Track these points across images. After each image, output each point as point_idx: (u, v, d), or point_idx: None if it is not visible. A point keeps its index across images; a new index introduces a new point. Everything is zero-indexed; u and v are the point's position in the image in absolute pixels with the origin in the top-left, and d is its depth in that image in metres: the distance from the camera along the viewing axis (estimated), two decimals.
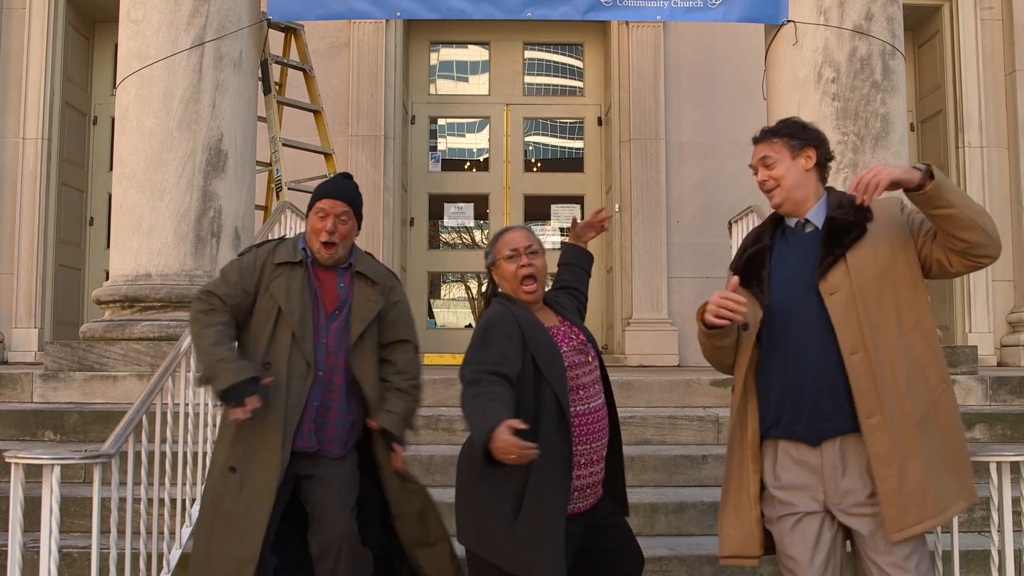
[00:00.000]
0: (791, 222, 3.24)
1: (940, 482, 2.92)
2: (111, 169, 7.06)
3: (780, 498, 3.06)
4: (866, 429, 2.97)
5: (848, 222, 3.12)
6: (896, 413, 2.94)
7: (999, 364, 9.32)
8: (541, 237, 10.41)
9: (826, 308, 3.01)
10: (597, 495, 3.38)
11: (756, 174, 3.29)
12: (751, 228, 6.15)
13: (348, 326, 3.62)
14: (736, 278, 3.13)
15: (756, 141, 3.31)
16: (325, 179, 3.76)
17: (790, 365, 3.05)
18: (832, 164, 3.36)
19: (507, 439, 2.82)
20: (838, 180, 6.17)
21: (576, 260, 4.08)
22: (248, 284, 3.58)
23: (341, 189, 3.73)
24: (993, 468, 3.40)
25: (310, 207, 3.67)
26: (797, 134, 3.23)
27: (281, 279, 3.57)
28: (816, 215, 3.19)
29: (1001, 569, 3.40)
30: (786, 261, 3.16)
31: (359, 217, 3.78)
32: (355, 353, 3.61)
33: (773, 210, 3.29)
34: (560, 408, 3.20)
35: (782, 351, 3.07)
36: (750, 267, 3.21)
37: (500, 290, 3.51)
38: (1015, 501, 3.46)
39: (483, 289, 3.71)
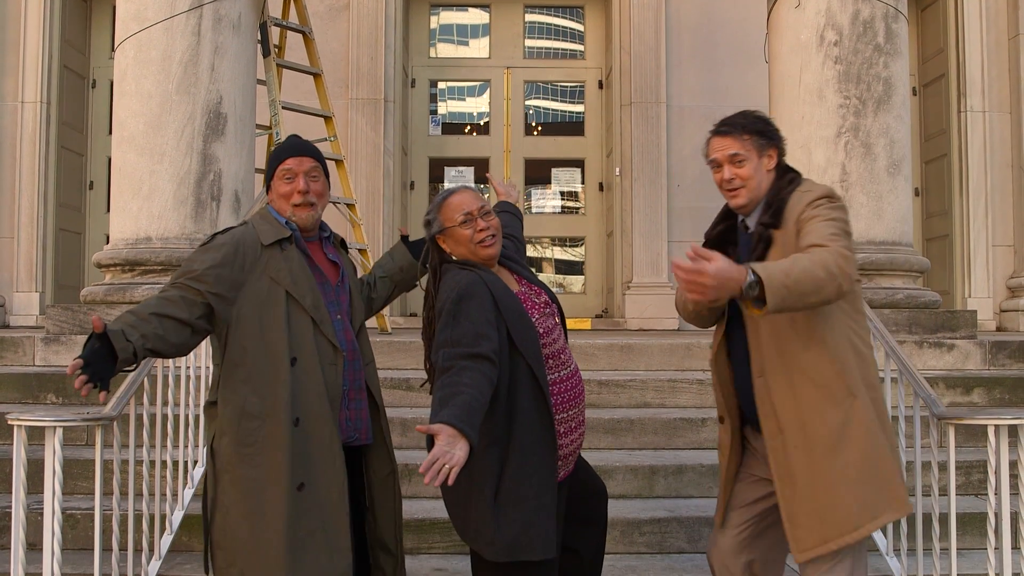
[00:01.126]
0: (739, 217, 3.18)
1: (851, 500, 2.88)
2: (110, 132, 7.03)
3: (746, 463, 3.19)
4: (769, 450, 3.01)
5: (758, 236, 3.03)
6: (799, 435, 2.94)
7: (998, 329, 9.34)
8: (541, 201, 10.44)
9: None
10: (576, 457, 3.39)
11: (716, 170, 3.10)
12: None
13: (351, 298, 3.30)
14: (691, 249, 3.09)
15: (722, 134, 3.09)
16: (278, 144, 3.33)
17: (739, 364, 3.12)
18: (833, 130, 3.31)
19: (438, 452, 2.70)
20: (839, 144, 6.16)
21: (505, 207, 3.98)
22: (239, 266, 3.07)
23: (303, 145, 3.32)
24: (991, 431, 3.42)
25: (270, 175, 3.25)
26: (765, 132, 3.09)
27: (277, 261, 3.10)
28: (753, 218, 3.11)
29: (997, 531, 3.42)
30: (739, 257, 3.09)
31: (327, 174, 3.35)
32: (356, 323, 3.30)
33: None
34: (536, 382, 3.11)
35: (736, 348, 3.12)
36: (722, 240, 3.18)
37: (454, 257, 3.29)
38: (1012, 464, 3.47)
39: (426, 259, 3.43)
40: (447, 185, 10.32)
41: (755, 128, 3.08)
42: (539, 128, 10.43)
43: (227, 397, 3.04)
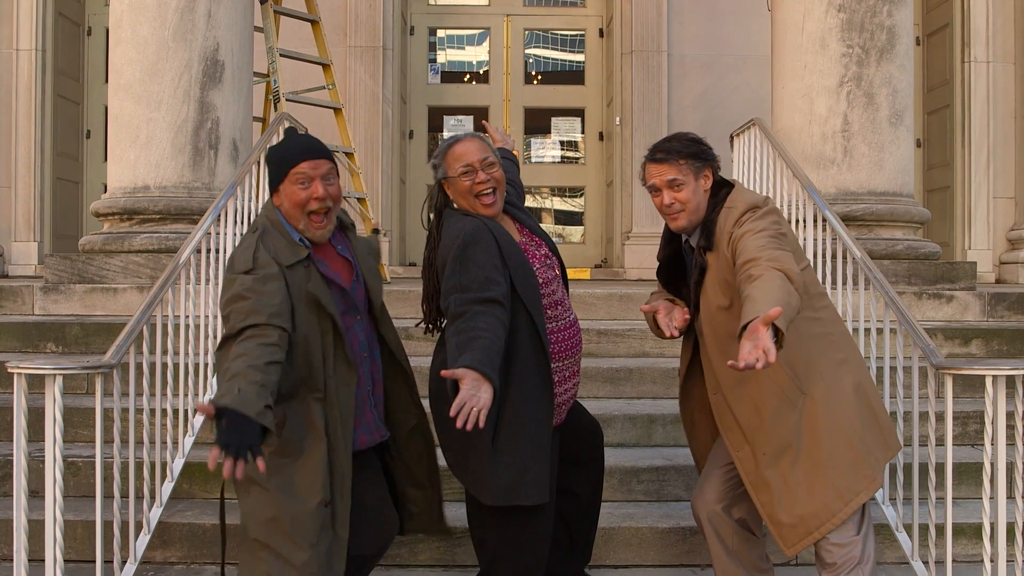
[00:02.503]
0: (683, 238, 3.28)
1: (825, 492, 3.01)
2: (107, 81, 6.97)
3: None
4: (736, 460, 3.14)
5: (695, 263, 3.15)
6: (764, 443, 3.06)
7: (997, 281, 9.33)
8: (541, 151, 10.39)
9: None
10: (569, 406, 3.42)
11: (656, 195, 3.17)
12: (753, 142, 6.13)
13: (366, 286, 3.17)
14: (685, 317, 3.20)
15: (658, 160, 3.15)
16: (280, 142, 3.08)
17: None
18: (835, 79, 3.34)
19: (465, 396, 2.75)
20: (841, 93, 6.12)
21: (503, 154, 3.95)
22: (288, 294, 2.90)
23: (317, 146, 3.07)
24: (989, 382, 3.42)
25: (280, 177, 3.03)
26: (699, 155, 3.15)
27: (298, 282, 2.95)
28: (695, 238, 3.20)
29: (993, 481, 3.44)
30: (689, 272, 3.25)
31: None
32: (376, 302, 3.19)
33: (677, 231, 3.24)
34: (536, 331, 3.14)
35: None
36: (671, 261, 3.33)
37: (456, 205, 3.29)
38: (1009, 415, 3.49)
39: (431, 201, 3.33)
40: (446, 134, 10.26)
41: (690, 152, 3.13)
42: (539, 77, 10.35)
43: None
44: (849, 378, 3.10)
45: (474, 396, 2.76)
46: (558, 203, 10.53)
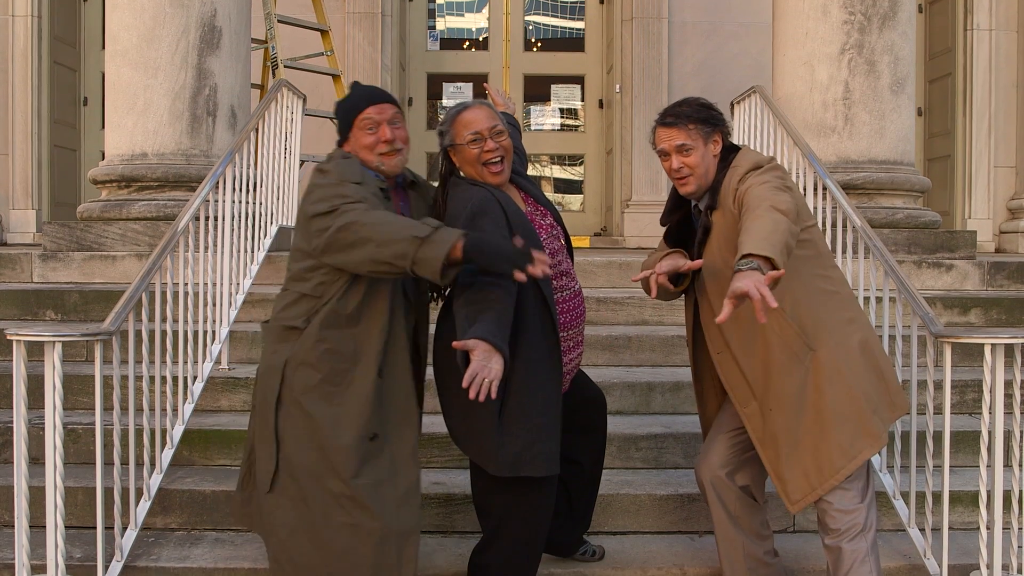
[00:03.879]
0: (692, 203, 3.29)
1: (830, 448, 3.05)
2: (104, 48, 6.93)
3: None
4: (743, 416, 3.16)
5: (701, 225, 3.17)
6: (770, 399, 3.09)
7: (997, 250, 9.33)
8: (540, 118, 10.34)
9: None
10: (574, 375, 3.43)
11: (665, 159, 3.19)
12: (754, 110, 6.10)
13: None
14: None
15: (667, 124, 3.17)
16: (345, 96, 3.20)
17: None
18: (837, 46, 3.36)
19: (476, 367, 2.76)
20: (843, 61, 6.08)
21: (505, 118, 3.96)
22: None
23: (380, 92, 3.23)
24: (987, 350, 3.43)
25: (347, 126, 3.17)
26: (710, 119, 3.17)
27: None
28: (703, 203, 3.21)
29: (990, 449, 3.46)
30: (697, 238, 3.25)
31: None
32: None
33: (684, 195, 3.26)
34: (544, 301, 3.14)
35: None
36: (680, 227, 3.31)
37: (462, 174, 3.28)
38: (1007, 384, 3.49)
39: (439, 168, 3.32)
40: (445, 102, 10.22)
41: (699, 116, 3.15)
42: (539, 44, 10.29)
43: (324, 335, 3.03)
44: (857, 336, 3.12)
45: (486, 367, 2.76)
46: (557, 171, 10.50)
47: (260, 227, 5.47)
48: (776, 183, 2.97)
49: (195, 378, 4.36)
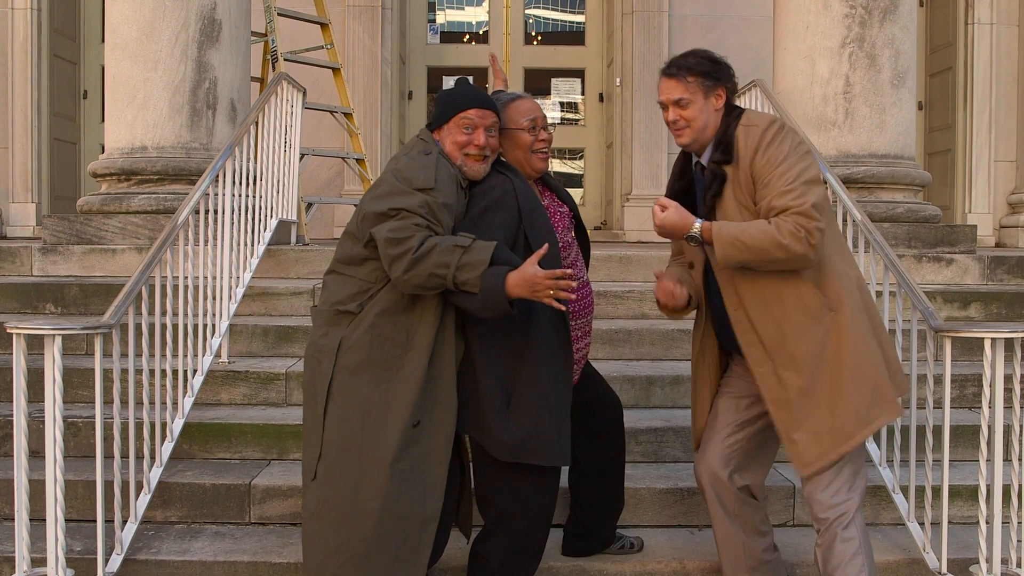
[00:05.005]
0: (694, 160, 3.25)
1: (845, 411, 3.00)
2: (103, 41, 6.92)
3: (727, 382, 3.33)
4: (757, 377, 3.11)
5: (712, 174, 3.11)
6: (786, 359, 3.04)
7: (997, 245, 9.33)
8: None
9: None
10: (583, 365, 3.43)
11: (664, 111, 3.15)
12: (754, 104, 6.09)
13: None
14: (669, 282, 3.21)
15: (668, 75, 3.13)
16: (452, 87, 3.31)
17: (714, 299, 3.22)
18: (837, 40, 3.33)
19: (536, 272, 2.82)
20: (844, 54, 6.07)
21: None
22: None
23: (487, 97, 3.24)
24: (987, 344, 3.43)
25: (445, 118, 3.19)
26: (712, 72, 3.11)
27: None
28: (705, 158, 3.16)
29: (990, 443, 3.46)
30: (700, 201, 3.20)
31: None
32: None
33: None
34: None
35: (711, 286, 3.22)
36: (684, 200, 3.21)
37: (503, 157, 3.32)
38: (1007, 378, 3.49)
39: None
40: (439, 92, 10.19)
41: (701, 70, 3.09)
42: (539, 37, 10.28)
43: (377, 320, 3.06)
44: (871, 310, 3.11)
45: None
46: (557, 165, 10.49)
47: (260, 220, 5.47)
48: (796, 156, 2.96)
49: (195, 372, 4.36)
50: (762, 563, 3.32)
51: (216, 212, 4.73)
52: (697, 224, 2.98)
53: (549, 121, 3.44)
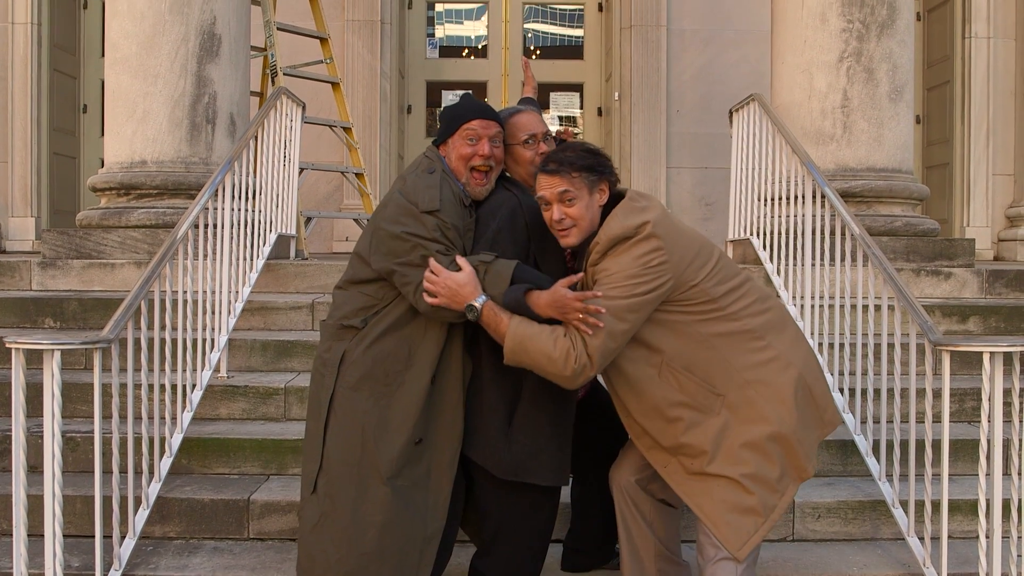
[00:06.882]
0: None
1: (760, 491, 2.88)
2: (103, 55, 6.94)
3: None
4: (664, 476, 3.03)
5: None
6: (687, 457, 2.94)
7: (996, 258, 9.33)
8: None
9: None
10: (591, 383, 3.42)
11: (546, 208, 2.99)
12: (752, 118, 6.10)
13: None
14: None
15: (549, 172, 2.96)
16: (454, 102, 3.32)
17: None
18: (835, 54, 3.27)
19: (567, 294, 2.78)
20: (841, 69, 6.09)
21: (530, 102, 4.03)
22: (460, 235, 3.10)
23: (489, 108, 3.26)
24: (986, 358, 3.43)
25: (450, 132, 3.21)
26: (595, 167, 2.97)
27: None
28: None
29: (989, 457, 3.46)
30: None
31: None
32: None
33: None
34: None
35: None
36: None
37: (507, 173, 3.31)
38: (1006, 392, 3.49)
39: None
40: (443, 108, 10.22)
41: (584, 164, 2.96)
42: (538, 52, 10.31)
43: (380, 336, 3.08)
44: (785, 375, 2.94)
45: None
46: None
47: (259, 235, 5.48)
48: (631, 271, 2.82)
49: (194, 386, 4.36)
50: (673, 566, 3.25)
51: (215, 226, 4.74)
52: (479, 300, 2.90)
53: (554, 133, 3.44)
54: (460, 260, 2.95)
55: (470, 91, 9.95)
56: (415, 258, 2.99)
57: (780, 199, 5.64)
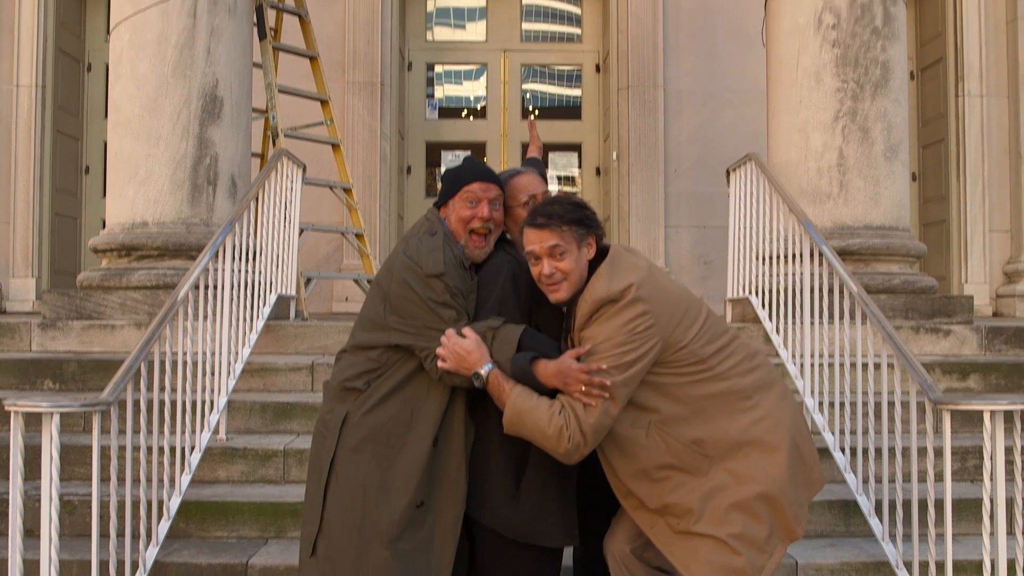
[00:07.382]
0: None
1: (749, 551, 2.84)
2: (106, 116, 7.01)
3: None
4: (651, 537, 3.01)
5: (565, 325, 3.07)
6: (675, 518, 2.92)
7: (994, 314, 9.34)
8: None
9: None
10: None
11: (535, 263, 2.96)
12: (749, 177, 6.15)
13: None
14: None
15: (538, 225, 2.94)
16: (456, 165, 3.33)
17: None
18: (830, 114, 3.29)
19: (572, 365, 2.79)
20: (837, 128, 6.15)
21: (534, 162, 4.07)
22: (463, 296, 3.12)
23: (490, 171, 3.27)
24: (987, 417, 3.42)
25: (451, 193, 3.21)
26: (583, 221, 2.95)
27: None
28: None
29: (993, 517, 3.43)
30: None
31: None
32: None
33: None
34: None
35: None
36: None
37: (508, 235, 3.32)
38: (1007, 450, 3.48)
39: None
40: (444, 170, 10.31)
41: (573, 217, 2.94)
42: (536, 112, 10.41)
43: (383, 399, 3.08)
44: (774, 435, 2.92)
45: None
46: None
47: (259, 296, 5.49)
48: (620, 338, 2.80)
49: (192, 448, 4.34)
50: None
51: (216, 287, 4.75)
52: (485, 369, 2.91)
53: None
54: (465, 329, 2.96)
55: (470, 152, 10.06)
56: (430, 321, 3.00)
57: (778, 257, 5.66)
